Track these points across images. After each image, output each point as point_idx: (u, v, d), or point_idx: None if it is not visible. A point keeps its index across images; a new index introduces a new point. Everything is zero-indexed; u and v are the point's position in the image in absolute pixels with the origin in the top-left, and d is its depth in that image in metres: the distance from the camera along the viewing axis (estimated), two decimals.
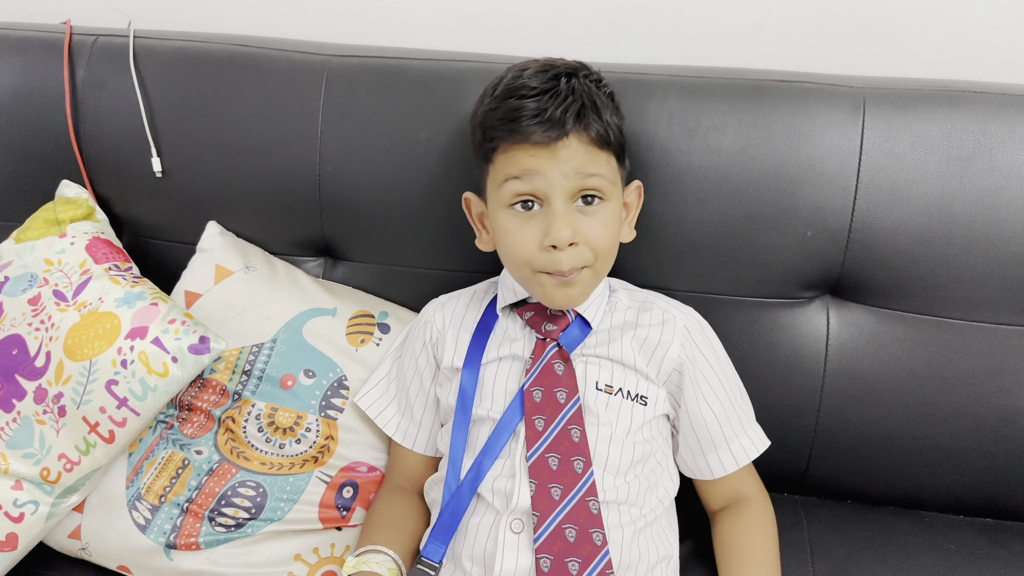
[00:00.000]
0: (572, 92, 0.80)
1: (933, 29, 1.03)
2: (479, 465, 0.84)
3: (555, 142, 0.79)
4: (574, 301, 0.86)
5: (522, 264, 0.84)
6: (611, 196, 0.84)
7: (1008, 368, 0.93)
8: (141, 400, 0.89)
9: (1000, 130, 0.90)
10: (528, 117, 0.79)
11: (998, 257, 0.91)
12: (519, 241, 0.82)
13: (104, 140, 1.08)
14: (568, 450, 0.82)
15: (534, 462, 0.82)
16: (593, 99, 0.82)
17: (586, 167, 0.80)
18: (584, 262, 0.82)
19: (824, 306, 0.98)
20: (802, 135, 0.93)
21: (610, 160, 0.84)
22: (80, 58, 1.08)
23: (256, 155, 1.04)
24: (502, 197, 0.83)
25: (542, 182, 0.80)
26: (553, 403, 0.84)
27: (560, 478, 0.81)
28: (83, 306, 0.94)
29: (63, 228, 1.03)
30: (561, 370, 0.86)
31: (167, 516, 0.92)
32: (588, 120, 0.80)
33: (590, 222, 0.82)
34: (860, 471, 1.00)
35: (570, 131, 0.79)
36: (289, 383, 0.96)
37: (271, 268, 1.04)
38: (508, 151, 0.82)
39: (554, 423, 0.84)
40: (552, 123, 0.79)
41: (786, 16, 1.05)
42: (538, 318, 0.89)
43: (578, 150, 0.80)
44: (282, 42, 1.07)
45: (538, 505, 0.80)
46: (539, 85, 0.81)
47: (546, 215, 0.81)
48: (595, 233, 0.82)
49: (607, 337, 0.89)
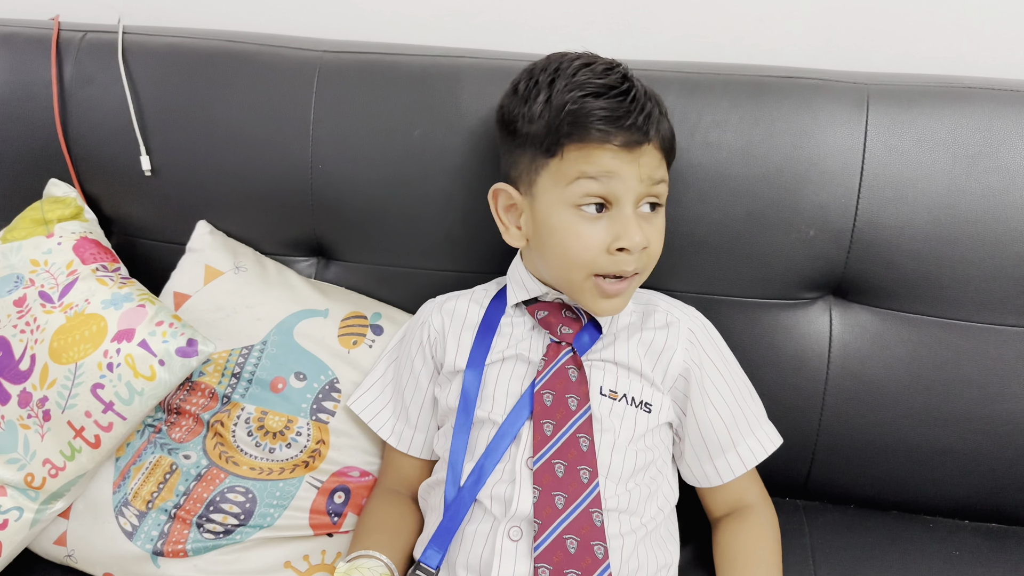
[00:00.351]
0: (646, 96, 0.80)
1: (938, 24, 1.01)
2: (480, 469, 0.82)
3: (638, 146, 0.78)
4: (619, 310, 0.84)
5: (579, 265, 0.81)
6: (665, 203, 0.85)
7: (1015, 371, 0.91)
8: (127, 404, 0.87)
9: (1007, 127, 0.88)
10: (613, 119, 0.77)
11: (1005, 257, 0.89)
12: (582, 242, 0.80)
13: (92, 138, 1.06)
14: (575, 458, 0.80)
15: (540, 467, 0.80)
16: (659, 104, 0.82)
17: (656, 173, 0.81)
18: (644, 267, 0.83)
19: (827, 307, 0.96)
20: (805, 132, 0.91)
21: (666, 168, 0.84)
22: (68, 54, 1.06)
23: (247, 153, 1.02)
24: (569, 195, 0.80)
25: (619, 185, 0.79)
26: (564, 409, 0.82)
27: (565, 486, 0.79)
28: (69, 308, 0.92)
29: (50, 228, 1.01)
30: (575, 376, 0.84)
31: (154, 522, 0.90)
32: (662, 126, 0.81)
33: (652, 229, 0.82)
34: (863, 475, 0.98)
35: (651, 138, 0.79)
36: (279, 386, 0.94)
37: (262, 268, 1.02)
38: (584, 149, 0.79)
39: (563, 429, 0.81)
40: (636, 128, 0.78)
41: (789, 11, 1.03)
42: (552, 319, 0.87)
43: (653, 156, 0.80)
44: (274, 38, 1.05)
45: (540, 512, 0.78)
46: (615, 84, 0.79)
47: (615, 218, 0.80)
48: (656, 240, 0.83)
49: (612, 340, 0.87)
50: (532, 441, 0.81)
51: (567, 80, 0.79)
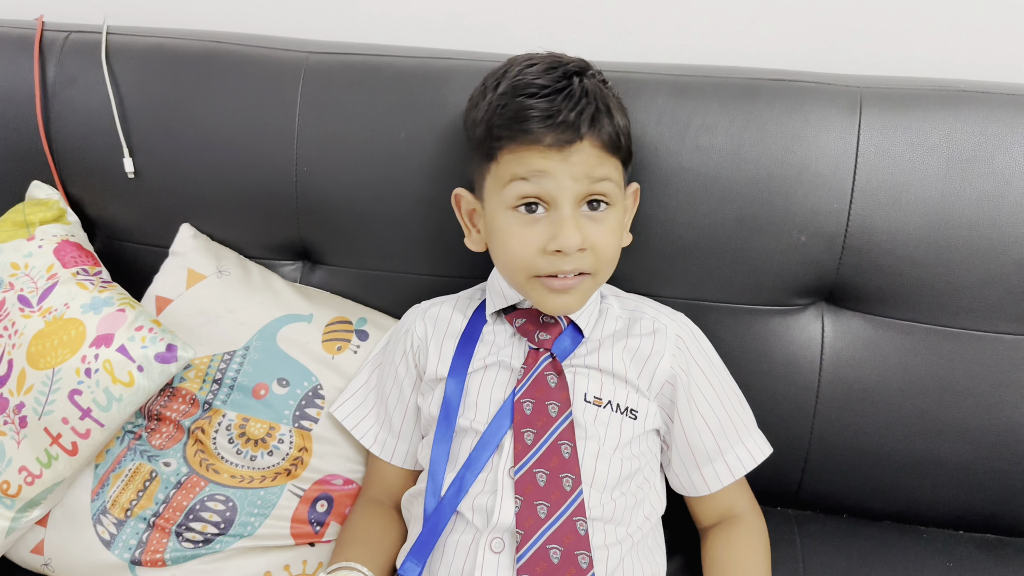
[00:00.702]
0: (585, 94, 0.78)
1: (933, 27, 0.99)
2: (461, 479, 0.80)
3: (568, 145, 0.76)
4: (570, 308, 0.82)
5: (520, 268, 0.80)
6: (616, 201, 0.81)
7: (1011, 380, 0.90)
8: (105, 411, 0.86)
9: (1002, 132, 0.86)
10: (542, 118, 0.76)
11: (1000, 264, 0.87)
12: (520, 244, 0.79)
13: (75, 139, 1.04)
14: (557, 466, 0.79)
15: (521, 477, 0.78)
16: (606, 102, 0.79)
17: (596, 171, 0.78)
18: (588, 268, 0.80)
19: (819, 313, 0.94)
20: (796, 136, 0.89)
21: (618, 165, 0.81)
22: (51, 55, 1.05)
23: (231, 155, 1.00)
24: (505, 198, 0.80)
25: (551, 185, 0.77)
26: (544, 416, 0.81)
27: (547, 495, 0.77)
28: (48, 312, 0.90)
29: (32, 231, 0.99)
30: (554, 382, 0.82)
31: (133, 531, 0.88)
32: (601, 124, 0.78)
33: (597, 228, 0.79)
34: (856, 484, 0.96)
35: (584, 135, 0.76)
36: (262, 392, 0.92)
37: (245, 272, 1.00)
38: (516, 151, 0.78)
39: (544, 437, 0.80)
40: (567, 126, 0.76)
41: (781, 12, 1.02)
42: (530, 325, 0.85)
43: (590, 154, 0.77)
44: (259, 38, 1.03)
45: (523, 523, 0.76)
46: (551, 84, 0.77)
47: (552, 219, 0.78)
48: (602, 239, 0.79)
49: (597, 346, 0.85)
50: (513, 451, 0.79)
51: (506, 82, 0.79)
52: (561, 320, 0.85)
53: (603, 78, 0.83)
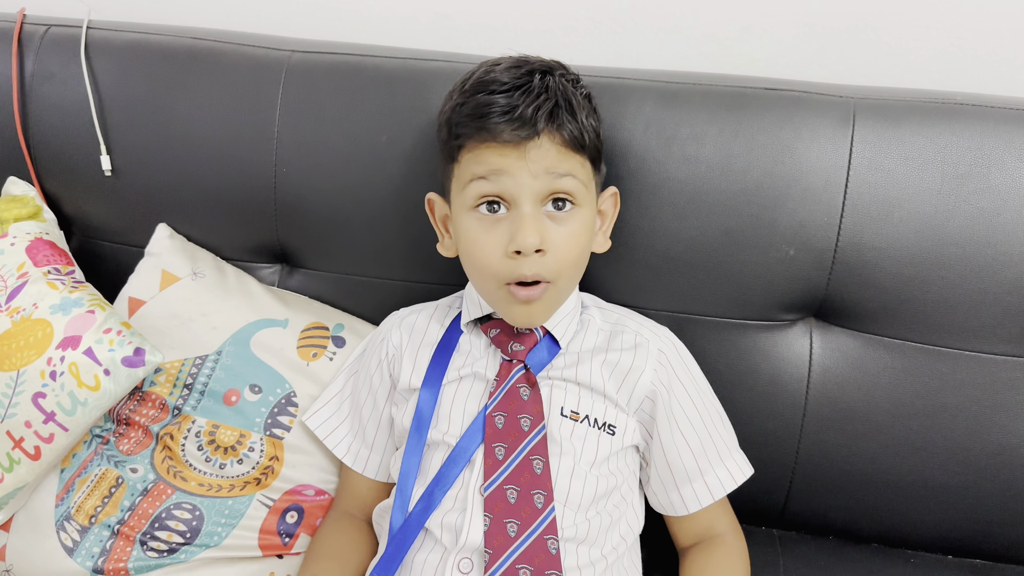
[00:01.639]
0: (546, 90, 0.75)
1: (930, 38, 0.97)
2: (430, 495, 0.78)
3: (525, 141, 0.73)
4: (536, 320, 0.80)
5: (486, 274, 0.78)
6: (583, 202, 0.78)
7: (1003, 402, 0.87)
8: (70, 415, 0.83)
9: (998, 147, 0.84)
10: (498, 114, 0.73)
11: (994, 282, 0.85)
12: (482, 247, 0.77)
13: (52, 135, 1.02)
14: (528, 483, 0.76)
15: (491, 494, 0.75)
16: (568, 98, 0.76)
17: (558, 167, 0.75)
18: (548, 275, 0.76)
19: (807, 329, 0.92)
20: (787, 147, 0.86)
21: (584, 163, 0.78)
22: (30, 49, 1.03)
23: (210, 155, 0.98)
24: (466, 199, 0.77)
25: (510, 183, 0.74)
26: (516, 430, 0.78)
27: (518, 513, 0.75)
28: (16, 312, 0.88)
29: (5, 228, 0.97)
30: (527, 395, 0.80)
31: (96, 538, 0.86)
32: (561, 120, 0.75)
33: (559, 230, 0.76)
34: (842, 505, 0.94)
35: (542, 130, 0.73)
36: (233, 399, 0.90)
37: (220, 275, 0.98)
38: (475, 150, 0.76)
39: (515, 452, 0.77)
40: (523, 121, 0.73)
41: (775, 21, 0.99)
42: (504, 336, 0.83)
43: (550, 151, 0.74)
44: (241, 36, 1.01)
45: (491, 542, 0.74)
46: (511, 80, 0.75)
47: (513, 219, 0.75)
48: (563, 243, 0.76)
49: (576, 359, 0.83)
50: (483, 466, 0.77)
51: (472, 82, 0.77)
52: (537, 331, 0.83)
53: (575, 78, 0.80)
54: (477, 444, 0.78)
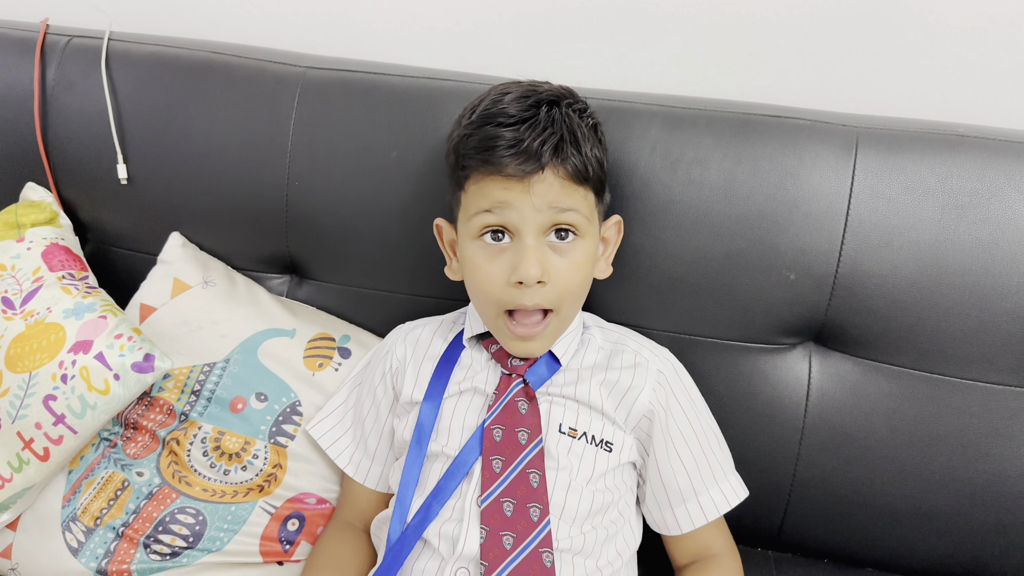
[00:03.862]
0: (552, 123, 0.76)
1: (934, 68, 0.98)
2: (428, 507, 0.79)
3: (529, 175, 0.75)
4: (535, 352, 0.82)
5: (487, 300, 0.80)
6: (586, 233, 0.79)
7: (1000, 431, 0.88)
8: (79, 418, 0.85)
9: (999, 178, 0.85)
10: (503, 147, 0.75)
11: (992, 312, 0.85)
12: (486, 275, 0.78)
13: (71, 143, 1.05)
14: (525, 496, 0.77)
15: (487, 506, 0.77)
16: (573, 131, 0.77)
17: (561, 201, 0.76)
18: (549, 303, 0.78)
19: (807, 354, 0.93)
20: (790, 173, 0.88)
21: (588, 195, 0.79)
22: (52, 58, 1.05)
23: (224, 166, 1.00)
24: (472, 228, 0.79)
25: (514, 215, 0.76)
26: (514, 444, 0.79)
27: (513, 526, 0.76)
28: (30, 315, 0.90)
29: (22, 232, 0.99)
30: (525, 409, 0.81)
31: (101, 540, 0.87)
32: (566, 153, 0.76)
33: (561, 261, 0.78)
34: (838, 530, 0.94)
35: (546, 164, 0.75)
36: (239, 406, 0.92)
37: (231, 284, 1.00)
38: (480, 181, 0.78)
39: (512, 465, 0.79)
40: (528, 155, 0.74)
41: (782, 48, 1.01)
42: (504, 352, 0.84)
43: (553, 184, 0.76)
44: (258, 51, 1.03)
45: (487, 554, 0.75)
46: (518, 113, 0.76)
47: (516, 249, 0.77)
48: (565, 272, 0.78)
49: (576, 377, 0.84)
50: (481, 479, 0.78)
51: (480, 112, 0.78)
52: None
53: (582, 107, 0.81)
54: (475, 457, 0.79)
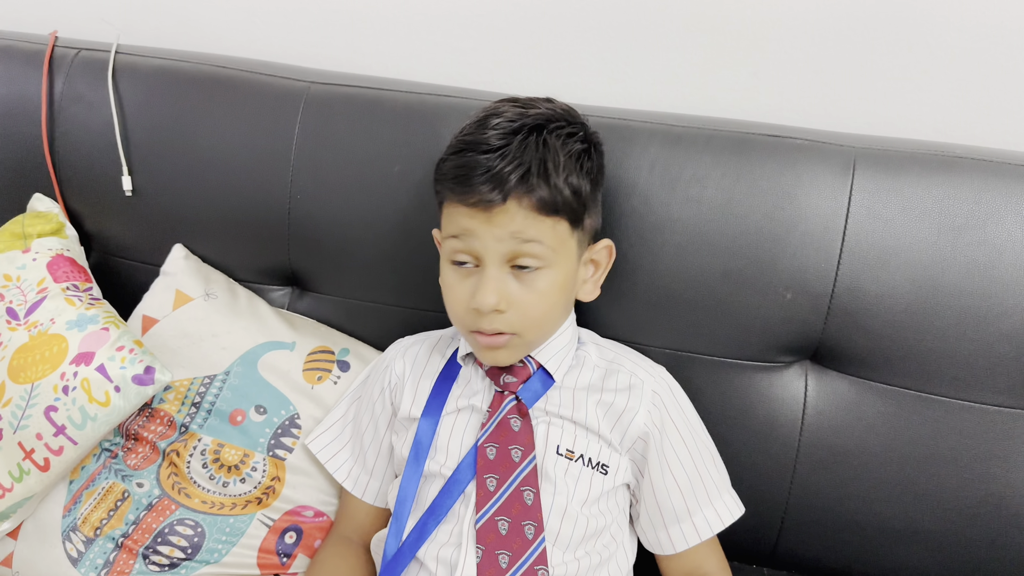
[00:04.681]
0: (523, 152, 0.75)
1: (932, 88, 0.98)
2: (424, 525, 0.79)
3: (491, 206, 0.75)
4: (502, 361, 0.82)
5: (456, 320, 0.82)
6: (553, 263, 0.78)
7: (995, 452, 0.88)
8: (79, 429, 0.86)
9: (996, 200, 0.85)
10: (471, 177, 0.75)
11: (989, 334, 0.86)
12: (454, 296, 0.81)
13: (78, 155, 1.06)
14: (519, 514, 0.78)
15: (483, 526, 0.77)
16: (545, 160, 0.75)
17: (524, 232, 0.76)
18: (510, 328, 0.78)
19: (803, 372, 0.93)
20: (787, 193, 0.88)
21: (558, 225, 0.77)
22: (60, 71, 1.07)
23: (228, 179, 1.01)
24: (445, 250, 0.81)
25: (477, 244, 0.77)
26: (507, 462, 0.80)
27: (509, 544, 0.76)
28: (33, 326, 0.91)
29: (28, 243, 1.01)
30: (518, 426, 0.82)
31: (101, 550, 0.88)
32: (531, 184, 0.75)
33: (522, 289, 0.78)
34: (832, 548, 0.94)
35: (509, 195, 0.75)
36: (239, 418, 0.92)
37: (232, 296, 1.01)
38: (450, 207, 0.79)
39: (507, 484, 0.79)
40: (492, 185, 0.74)
41: (783, 67, 1.01)
42: (497, 368, 0.85)
43: (516, 215, 0.75)
44: (263, 65, 1.05)
45: (483, 573, 0.75)
46: (493, 142, 0.76)
47: (479, 276, 0.78)
48: (526, 300, 0.78)
49: (571, 397, 0.84)
50: (475, 498, 0.78)
51: (460, 137, 0.79)
52: (530, 364, 0.84)
53: (574, 131, 0.80)
54: (471, 476, 0.80)
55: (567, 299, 0.83)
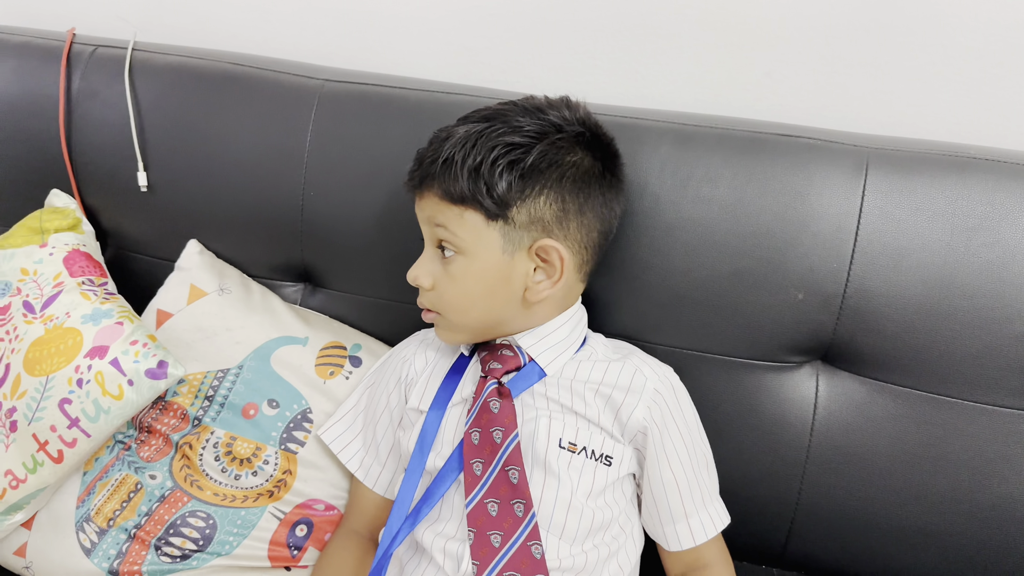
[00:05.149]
0: (444, 141, 0.82)
1: (947, 88, 0.98)
2: (417, 511, 0.81)
3: (416, 190, 0.85)
4: (445, 340, 0.88)
5: None
6: (468, 251, 0.81)
7: (1005, 454, 0.87)
8: (93, 421, 0.87)
9: (1009, 201, 0.85)
10: (414, 161, 0.85)
11: (1000, 335, 0.85)
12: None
13: (94, 151, 1.07)
14: (507, 493, 0.78)
15: (472, 509, 0.78)
16: (467, 154, 0.79)
17: (435, 218, 0.82)
18: (432, 307, 0.85)
19: (814, 372, 0.93)
20: (799, 193, 0.88)
21: (466, 214, 0.80)
22: (77, 67, 1.08)
23: (241, 175, 1.02)
24: None
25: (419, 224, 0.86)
26: (490, 444, 0.80)
27: (500, 524, 0.77)
28: (49, 320, 0.92)
29: (45, 237, 1.02)
30: (497, 408, 0.81)
31: (113, 541, 0.89)
32: (448, 175, 0.80)
33: (443, 272, 0.83)
34: (842, 549, 0.94)
35: (423, 182, 0.83)
36: (251, 412, 0.93)
37: (246, 292, 1.01)
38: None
39: (492, 466, 0.80)
40: (415, 172, 0.84)
41: (795, 67, 1.01)
42: (488, 356, 0.86)
43: (431, 201, 0.83)
44: (278, 63, 1.05)
45: (477, 554, 0.76)
46: (436, 135, 0.84)
47: None
48: (443, 284, 0.83)
49: (570, 389, 0.84)
50: (464, 483, 0.79)
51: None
52: (521, 354, 0.85)
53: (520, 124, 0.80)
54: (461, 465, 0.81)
55: (492, 291, 0.82)
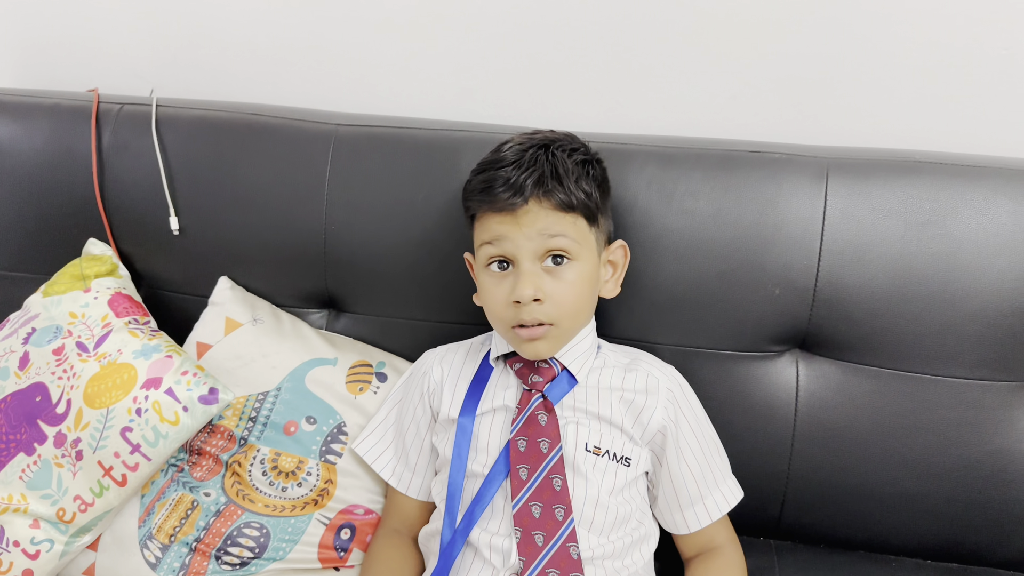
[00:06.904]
0: (535, 163, 0.88)
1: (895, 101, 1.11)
2: (471, 514, 0.89)
3: (516, 208, 0.87)
4: (542, 353, 0.92)
5: (497, 320, 0.92)
6: (579, 256, 0.90)
7: (966, 420, 0.99)
8: (153, 446, 0.96)
9: (953, 198, 0.97)
10: (493, 187, 0.88)
11: (954, 315, 0.97)
12: (493, 298, 0.91)
13: (127, 200, 1.16)
14: (550, 499, 0.88)
15: (519, 510, 0.87)
16: (556, 167, 0.88)
17: (550, 228, 0.87)
18: (546, 318, 0.88)
19: (794, 359, 1.04)
20: (770, 201, 1.00)
21: (577, 221, 0.89)
22: (107, 124, 1.17)
23: (267, 215, 1.12)
24: (480, 258, 0.92)
25: (509, 245, 0.88)
26: (536, 453, 0.90)
27: (542, 525, 0.86)
28: (103, 357, 1.01)
29: (88, 283, 1.10)
30: (544, 421, 0.92)
31: (176, 555, 0.98)
32: (547, 186, 0.87)
33: (556, 282, 0.89)
34: (831, 516, 1.05)
35: (529, 197, 0.87)
36: (292, 429, 1.03)
37: (277, 320, 1.11)
38: (482, 218, 0.91)
39: (537, 472, 0.89)
40: (513, 191, 0.87)
41: (759, 90, 1.14)
42: (525, 369, 0.95)
43: (539, 214, 0.87)
44: (293, 111, 1.15)
45: (524, 551, 0.85)
46: (507, 158, 0.90)
47: (516, 274, 0.89)
48: (560, 291, 0.89)
49: (596, 396, 0.94)
50: (510, 486, 0.88)
51: (482, 161, 0.93)
52: (555, 365, 0.95)
53: (576, 147, 0.92)
54: (507, 470, 0.89)
55: (592, 293, 0.93)
